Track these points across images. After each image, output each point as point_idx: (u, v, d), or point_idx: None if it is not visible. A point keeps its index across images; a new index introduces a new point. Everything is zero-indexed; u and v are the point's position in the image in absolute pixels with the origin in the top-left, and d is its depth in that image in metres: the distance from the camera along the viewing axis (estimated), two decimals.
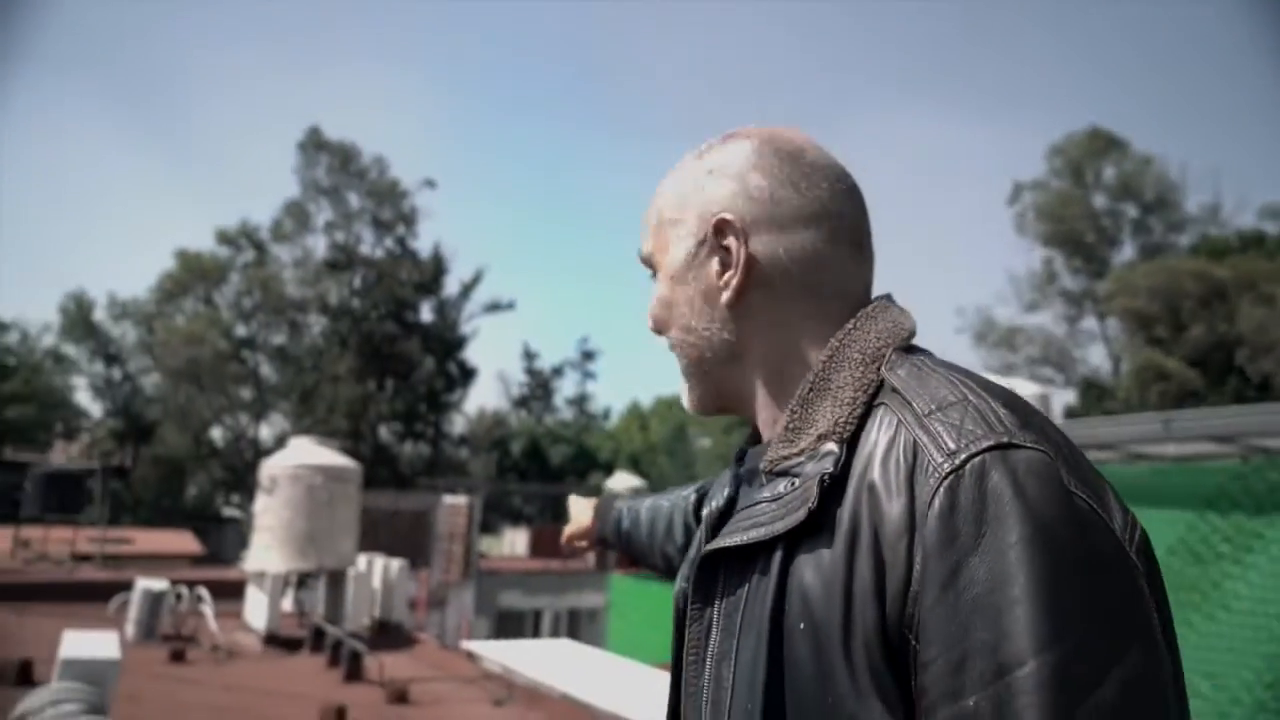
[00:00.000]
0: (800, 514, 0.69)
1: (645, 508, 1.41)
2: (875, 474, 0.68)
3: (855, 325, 0.79)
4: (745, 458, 0.89)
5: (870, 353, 0.76)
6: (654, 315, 0.90)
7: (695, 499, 1.32)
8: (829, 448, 0.72)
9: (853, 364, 0.76)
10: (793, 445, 0.76)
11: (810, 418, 0.76)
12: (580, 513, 1.55)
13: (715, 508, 0.90)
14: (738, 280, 0.82)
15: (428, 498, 18.97)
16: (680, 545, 1.33)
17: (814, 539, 0.69)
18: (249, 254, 37.99)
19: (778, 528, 0.71)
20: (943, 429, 0.66)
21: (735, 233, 0.82)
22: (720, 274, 0.83)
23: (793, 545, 0.70)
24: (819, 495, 0.69)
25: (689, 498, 1.33)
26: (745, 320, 0.83)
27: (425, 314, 37.20)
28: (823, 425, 0.74)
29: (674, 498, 1.37)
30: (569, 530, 1.55)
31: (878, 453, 0.69)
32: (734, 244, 0.82)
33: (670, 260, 0.87)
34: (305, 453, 9.16)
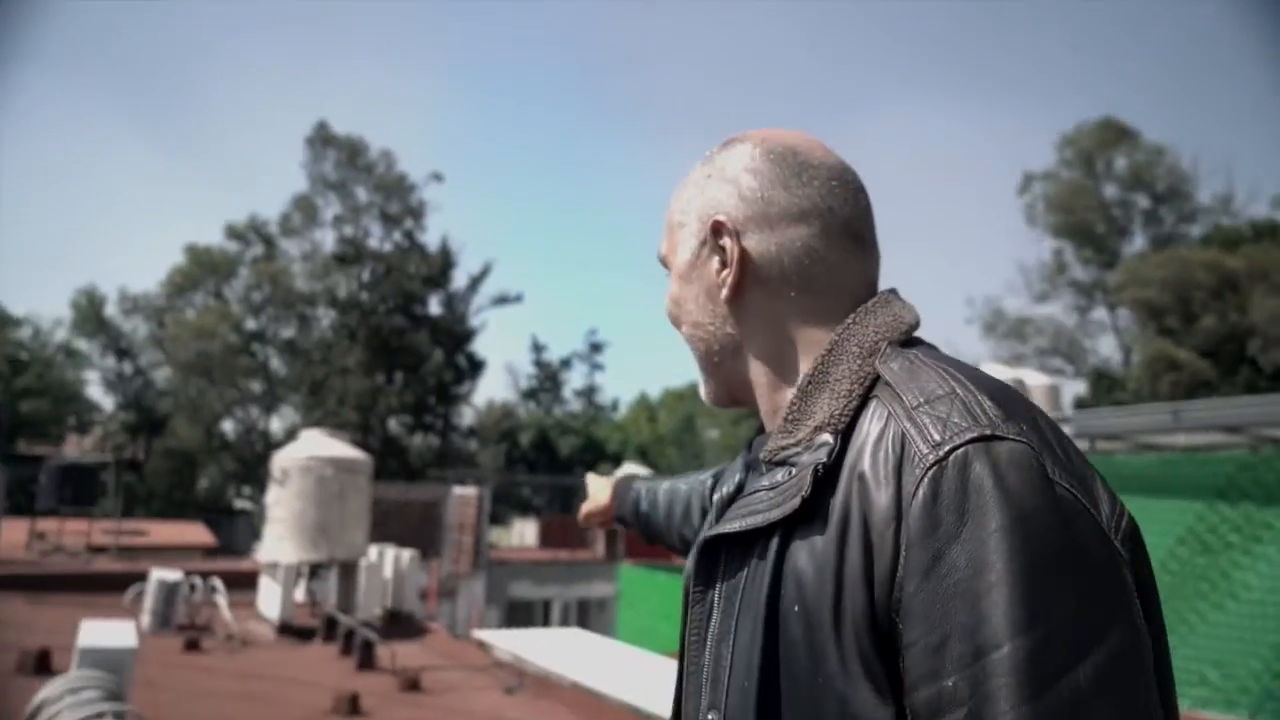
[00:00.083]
0: (795, 502, 0.73)
1: (663, 490, 1.44)
2: (865, 464, 0.71)
3: (855, 320, 0.82)
4: (753, 446, 0.93)
5: (868, 346, 0.79)
6: (668, 311, 0.95)
7: (712, 483, 1.35)
8: (824, 439, 0.75)
9: (850, 357, 0.79)
10: (791, 436, 0.79)
11: (808, 409, 0.79)
12: (598, 491, 1.58)
13: (725, 494, 0.94)
14: (734, 277, 0.86)
15: (437, 489, 19.06)
16: (697, 528, 1.36)
17: (808, 526, 0.72)
18: (258, 248, 38.15)
19: (774, 515, 0.74)
20: (929, 421, 0.69)
21: (730, 232, 0.86)
22: (719, 272, 0.87)
23: (789, 532, 0.73)
24: (812, 485, 0.72)
25: (706, 482, 1.37)
26: (745, 315, 0.87)
27: (434, 307, 37.27)
28: (820, 417, 0.77)
29: (692, 481, 1.41)
30: (586, 508, 1.59)
31: (868, 444, 0.72)
32: (729, 243, 0.86)
33: (679, 260, 0.92)
34: (316, 445, 9.23)
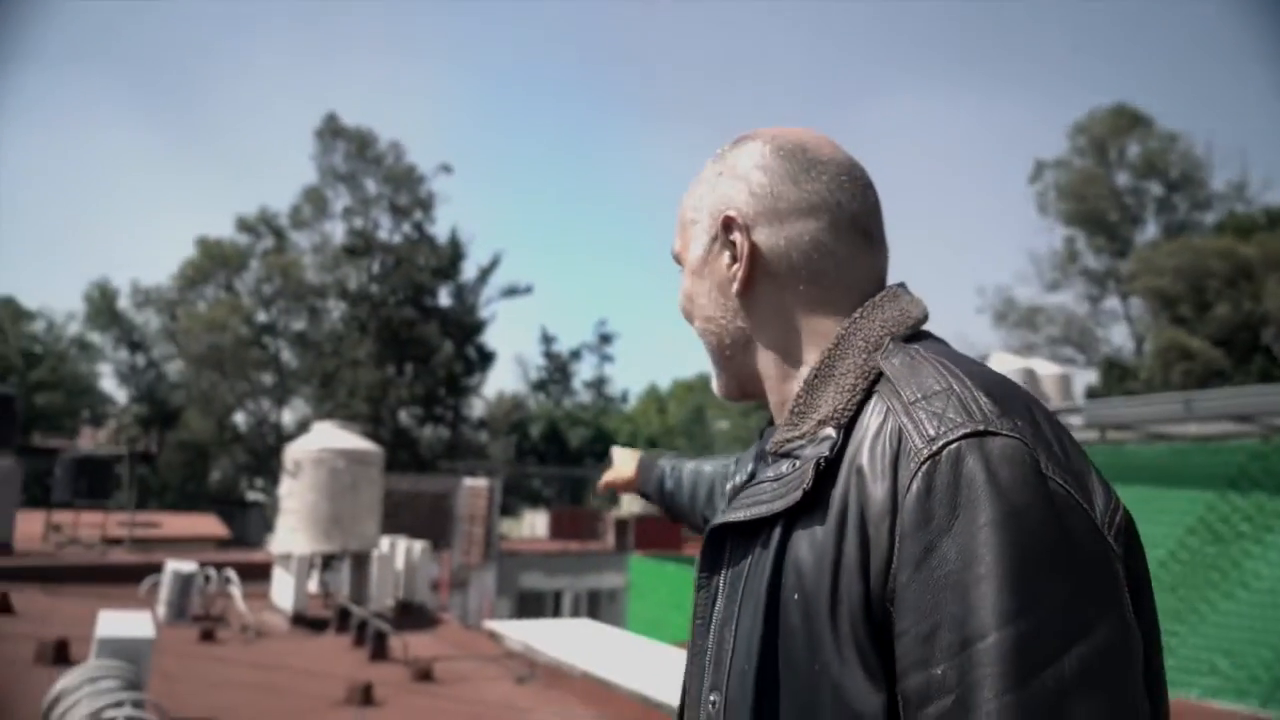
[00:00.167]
0: (796, 495, 0.75)
1: (688, 471, 1.46)
2: (864, 458, 0.73)
3: (862, 314, 0.83)
4: (765, 436, 0.95)
5: (873, 341, 0.81)
6: (682, 306, 0.97)
7: (734, 469, 1.38)
8: (827, 433, 0.77)
9: (856, 351, 0.81)
10: (796, 429, 0.81)
11: (814, 403, 0.81)
12: (622, 463, 1.60)
13: (737, 482, 0.96)
14: (743, 271, 0.88)
15: (448, 480, 19.14)
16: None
17: (809, 517, 0.74)
18: (269, 241, 38.29)
19: (777, 506, 0.76)
20: (925, 417, 0.71)
21: (739, 228, 0.88)
22: (730, 266, 0.89)
23: (791, 522, 0.76)
24: (814, 478, 0.75)
25: (729, 467, 1.39)
26: (754, 309, 0.89)
27: (443, 298, 37.39)
28: (824, 410, 0.79)
29: (717, 464, 1.43)
30: (608, 477, 1.61)
31: (867, 438, 0.74)
32: (739, 238, 0.88)
33: (692, 256, 0.94)
34: (328, 437, 9.29)
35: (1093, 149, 32.43)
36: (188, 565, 8.22)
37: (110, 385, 40.94)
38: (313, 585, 9.18)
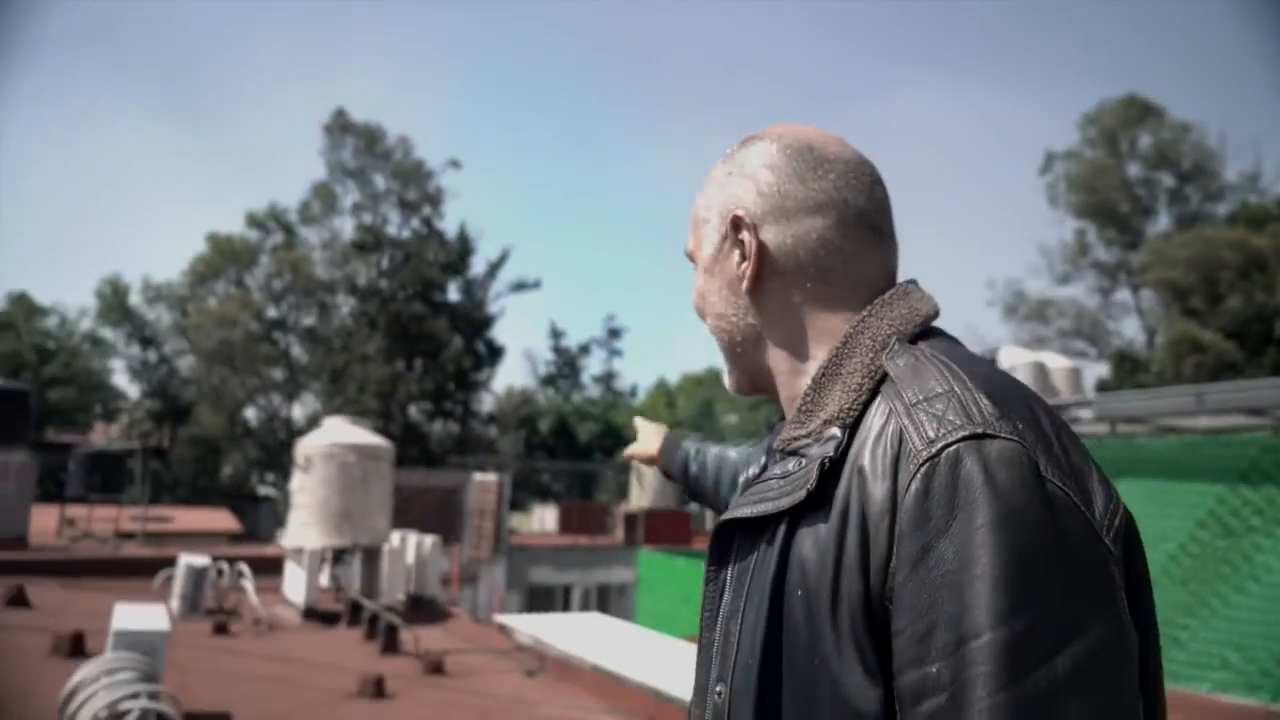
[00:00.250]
0: (800, 494, 0.77)
1: (712, 455, 1.47)
2: (865, 459, 0.74)
3: (870, 312, 0.84)
4: (775, 430, 0.97)
5: (880, 340, 0.82)
6: (695, 304, 0.99)
7: (752, 457, 1.38)
8: (832, 432, 0.79)
9: (864, 350, 0.82)
10: (803, 427, 0.83)
11: (821, 401, 0.82)
12: (646, 438, 1.62)
13: (749, 475, 0.97)
14: (752, 269, 0.89)
15: (458, 475, 19.21)
16: None
17: (813, 515, 0.76)
18: (278, 236, 38.44)
19: (782, 504, 0.78)
20: (926, 419, 0.72)
21: (748, 226, 0.89)
22: (739, 264, 0.91)
23: (796, 519, 0.77)
24: (818, 477, 0.76)
25: (751, 454, 1.39)
26: (764, 306, 0.90)
27: (452, 294, 37.43)
28: (830, 409, 0.81)
29: (741, 451, 1.44)
30: (632, 449, 1.62)
31: (870, 439, 0.75)
32: (747, 236, 0.89)
33: (703, 255, 0.96)
34: (339, 432, 9.33)
35: (1104, 140, 32.19)
36: (200, 559, 8.28)
37: (122, 381, 41.23)
38: (324, 579, 9.24)
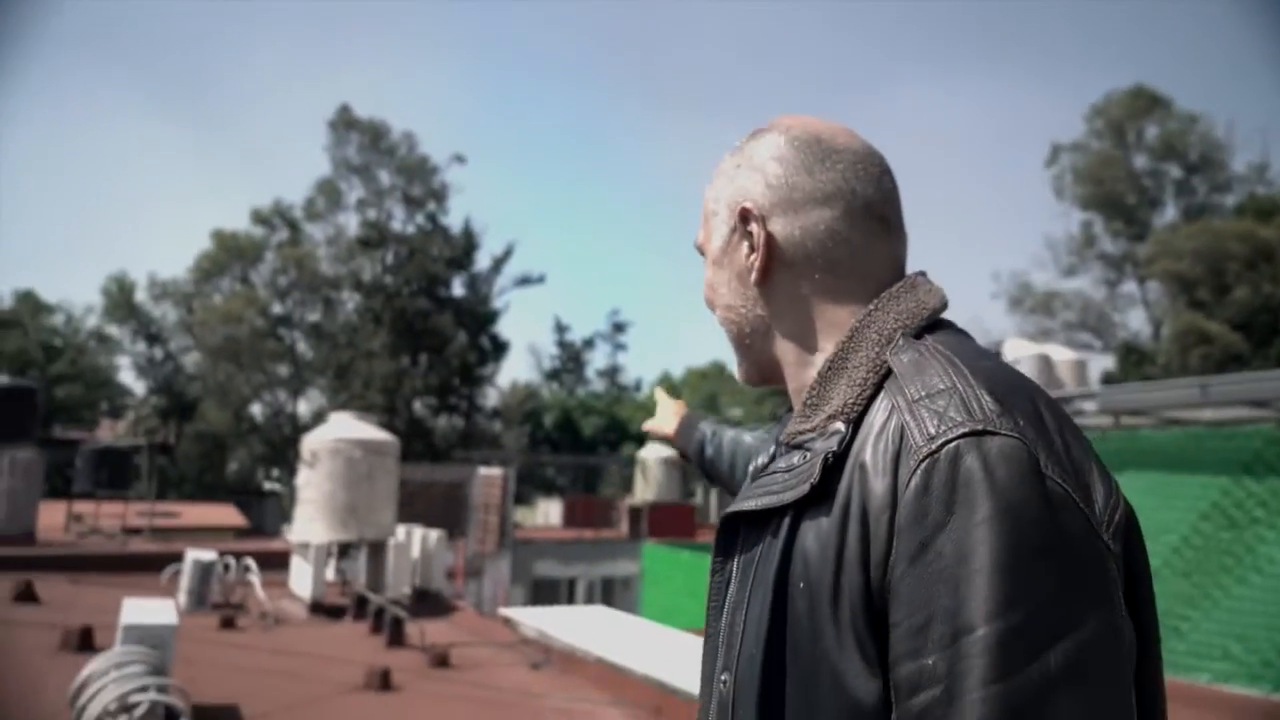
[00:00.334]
0: (804, 488, 0.78)
1: (728, 439, 1.48)
2: (867, 454, 0.75)
3: (877, 306, 0.85)
4: (784, 420, 0.97)
5: (885, 334, 0.82)
6: (705, 296, 1.00)
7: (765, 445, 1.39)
8: (836, 427, 0.79)
9: (869, 344, 0.82)
10: (808, 421, 0.83)
11: (826, 395, 0.83)
12: (664, 414, 1.63)
13: (758, 465, 0.99)
14: (760, 261, 0.90)
15: (462, 470, 19.25)
16: None
17: (816, 509, 0.77)
18: (283, 233, 38.47)
19: (787, 497, 0.79)
20: (927, 415, 0.72)
21: (756, 218, 0.90)
22: (748, 256, 0.91)
23: (799, 513, 0.78)
24: (821, 472, 0.77)
25: (766, 440, 1.40)
26: (772, 298, 0.91)
27: (457, 289, 37.46)
28: (835, 404, 0.81)
29: (758, 435, 1.44)
30: (650, 423, 1.64)
31: (872, 434, 0.76)
32: (756, 228, 0.90)
33: (713, 247, 0.97)
34: (345, 427, 9.37)
35: (1110, 131, 32.05)
36: (207, 554, 8.33)
37: (129, 377, 41.36)
38: (330, 573, 9.29)
